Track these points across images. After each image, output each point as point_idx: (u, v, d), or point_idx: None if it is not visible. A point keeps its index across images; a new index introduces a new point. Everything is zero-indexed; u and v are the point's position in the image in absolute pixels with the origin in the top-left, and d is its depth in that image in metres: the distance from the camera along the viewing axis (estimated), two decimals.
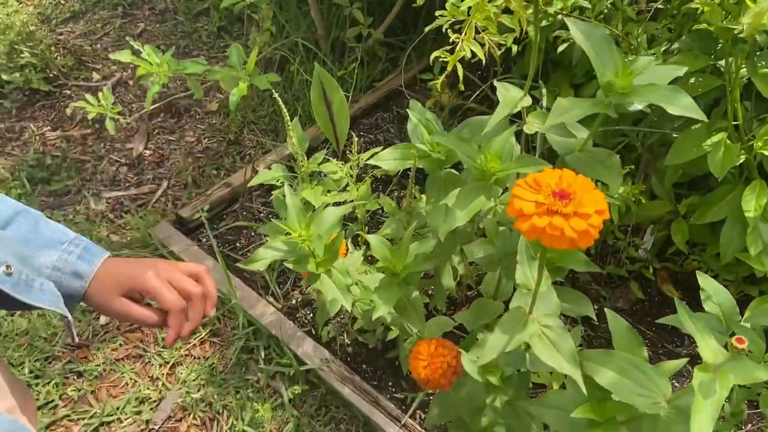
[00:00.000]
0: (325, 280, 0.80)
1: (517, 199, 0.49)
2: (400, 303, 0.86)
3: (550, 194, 0.48)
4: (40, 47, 2.27)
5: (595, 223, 0.47)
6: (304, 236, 0.78)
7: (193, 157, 2.09)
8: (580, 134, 0.80)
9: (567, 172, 0.50)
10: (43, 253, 0.69)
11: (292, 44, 2.28)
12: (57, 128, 2.15)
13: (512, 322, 0.66)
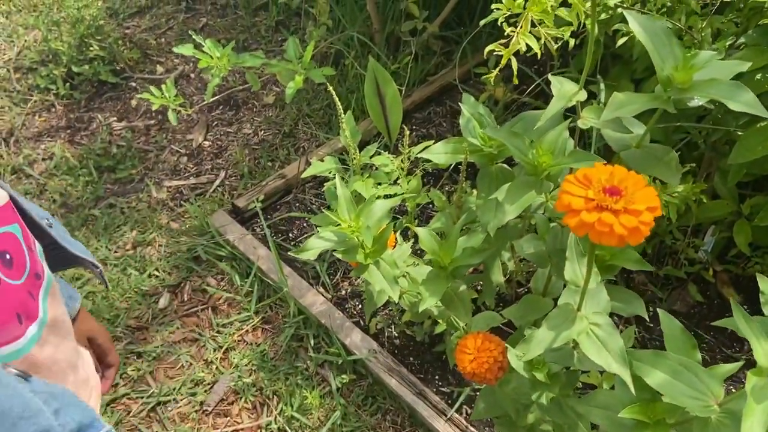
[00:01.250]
0: (374, 271, 0.81)
1: (566, 194, 0.49)
2: (447, 296, 0.87)
3: (600, 190, 0.48)
4: (109, 41, 2.37)
5: (646, 220, 0.47)
6: (354, 227, 0.79)
7: (250, 148, 2.14)
8: (636, 130, 0.78)
9: (619, 168, 0.50)
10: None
11: (347, 38, 2.30)
12: (123, 119, 2.25)
13: (560, 319, 0.65)
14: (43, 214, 0.66)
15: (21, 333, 0.53)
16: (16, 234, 0.55)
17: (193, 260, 1.79)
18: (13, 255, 0.53)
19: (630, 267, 0.76)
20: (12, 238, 0.54)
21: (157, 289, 1.74)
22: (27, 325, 0.54)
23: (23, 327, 0.54)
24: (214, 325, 1.66)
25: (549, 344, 0.64)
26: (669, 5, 1.22)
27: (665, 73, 0.69)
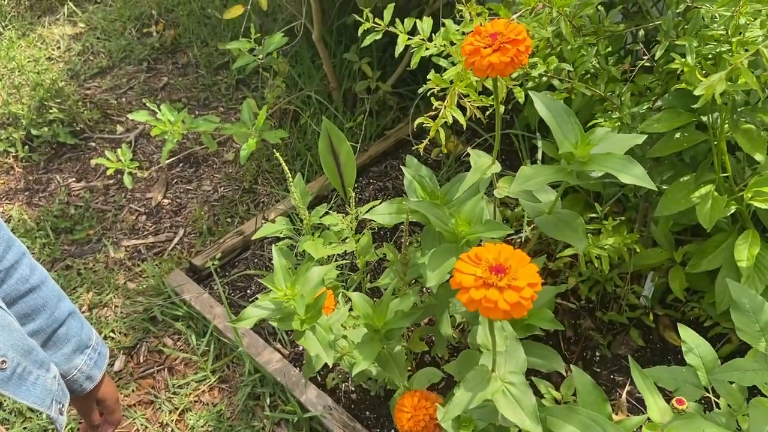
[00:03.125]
0: (310, 336, 0.85)
1: (458, 273, 0.54)
2: (383, 357, 0.91)
3: (488, 268, 0.53)
4: (68, 103, 2.41)
5: (527, 295, 0.52)
6: (289, 295, 0.83)
7: (209, 205, 2.17)
8: (548, 197, 0.85)
9: (505, 247, 0.55)
10: (76, 355, 0.81)
11: (305, 97, 2.39)
12: (81, 179, 2.27)
13: (476, 380, 0.70)
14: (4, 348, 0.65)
15: None
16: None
17: (149, 321, 1.79)
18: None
19: (545, 326, 0.81)
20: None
21: (113, 352, 1.74)
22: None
23: None
24: (170, 386, 1.66)
25: (466, 405, 0.68)
26: (593, 72, 1.32)
27: (566, 149, 0.76)
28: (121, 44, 2.87)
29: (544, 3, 1.19)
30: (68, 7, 3.10)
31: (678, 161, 1.41)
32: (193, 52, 2.86)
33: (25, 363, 0.67)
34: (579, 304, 1.75)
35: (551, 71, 1.17)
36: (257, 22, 2.67)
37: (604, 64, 1.28)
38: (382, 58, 2.38)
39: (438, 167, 2.17)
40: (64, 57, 2.82)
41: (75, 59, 2.80)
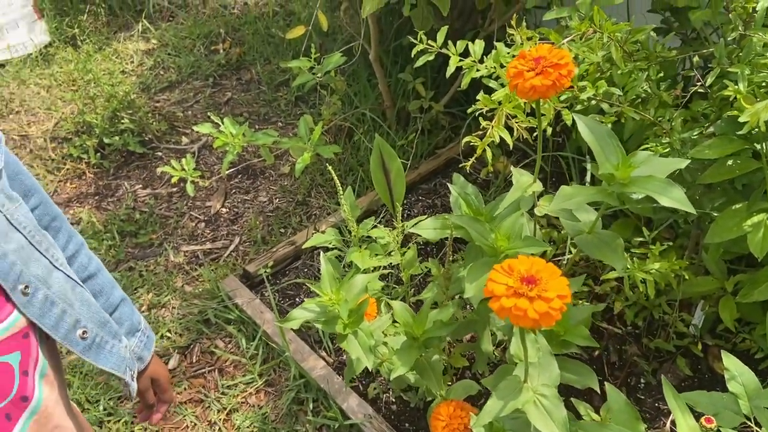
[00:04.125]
0: (351, 340, 0.89)
1: (491, 282, 0.57)
2: (421, 365, 0.94)
3: (519, 279, 0.56)
4: (139, 114, 2.56)
5: (556, 306, 0.55)
6: (334, 300, 0.88)
7: (264, 215, 2.26)
8: (589, 217, 0.87)
9: (538, 260, 0.58)
10: (128, 337, 0.87)
11: (360, 114, 2.46)
12: (147, 186, 2.40)
13: (508, 390, 0.72)
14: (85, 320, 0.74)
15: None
16: (11, 363, 0.63)
17: (203, 323, 1.88)
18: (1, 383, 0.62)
19: (580, 343, 0.83)
20: (4, 367, 0.63)
21: (168, 351, 1.83)
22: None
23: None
24: (219, 387, 1.73)
25: (497, 413, 0.71)
26: (643, 96, 1.33)
27: (607, 170, 0.78)
28: (189, 60, 3.03)
29: (595, 28, 1.22)
30: (142, 24, 3.30)
31: (730, 188, 1.40)
32: (256, 69, 2.99)
33: (102, 333, 0.75)
34: (625, 329, 1.73)
35: (600, 95, 1.19)
36: (318, 42, 2.78)
37: (655, 89, 1.29)
38: (435, 79, 2.43)
39: (486, 187, 2.20)
40: (136, 71, 3.00)
41: (147, 73, 2.97)
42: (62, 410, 0.72)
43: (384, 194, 1.73)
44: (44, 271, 0.67)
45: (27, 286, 0.64)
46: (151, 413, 0.97)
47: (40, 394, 0.66)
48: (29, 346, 0.65)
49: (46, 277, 0.67)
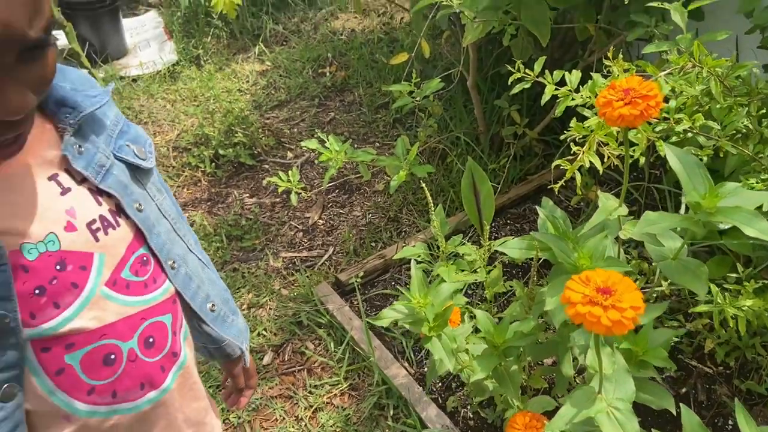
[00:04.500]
0: (435, 342, 0.96)
1: (568, 290, 0.63)
2: (500, 373, 0.99)
3: (595, 289, 0.62)
4: (251, 129, 2.78)
5: (629, 315, 0.60)
6: (421, 303, 0.95)
7: (358, 229, 2.38)
8: (674, 244, 0.90)
9: (614, 274, 0.63)
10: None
11: (454, 138, 2.54)
12: (254, 196, 2.60)
13: (582, 398, 0.76)
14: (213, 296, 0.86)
15: (140, 396, 0.72)
16: (166, 323, 0.75)
17: (296, 324, 2.01)
18: (156, 339, 0.73)
19: (658, 364, 0.85)
20: (160, 326, 0.74)
21: (263, 347, 1.97)
22: (147, 391, 0.73)
23: (143, 392, 0.72)
24: (307, 386, 1.85)
25: (569, 419, 0.75)
26: (743, 132, 1.32)
27: (693, 199, 0.82)
28: (298, 82, 3.24)
29: (694, 63, 1.24)
30: (259, 48, 3.56)
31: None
32: (359, 91, 3.15)
33: (225, 309, 0.88)
34: (716, 369, 1.68)
35: (697, 128, 1.21)
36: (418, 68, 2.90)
37: (756, 125, 1.28)
38: (531, 107, 2.47)
39: (577, 215, 2.21)
40: (251, 90, 3.24)
41: (260, 92, 3.21)
42: (197, 371, 0.84)
43: (473, 215, 1.80)
44: (183, 252, 0.80)
45: (174, 262, 0.76)
46: (238, 397, 1.07)
47: (185, 353, 0.79)
48: (177, 310, 0.78)
49: (185, 256, 0.80)
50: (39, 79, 0.56)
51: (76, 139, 0.67)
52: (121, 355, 0.69)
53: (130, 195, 0.71)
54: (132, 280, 0.70)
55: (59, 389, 0.65)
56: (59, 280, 0.63)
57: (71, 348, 0.65)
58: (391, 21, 3.75)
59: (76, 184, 0.66)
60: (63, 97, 0.66)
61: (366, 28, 3.74)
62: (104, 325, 0.67)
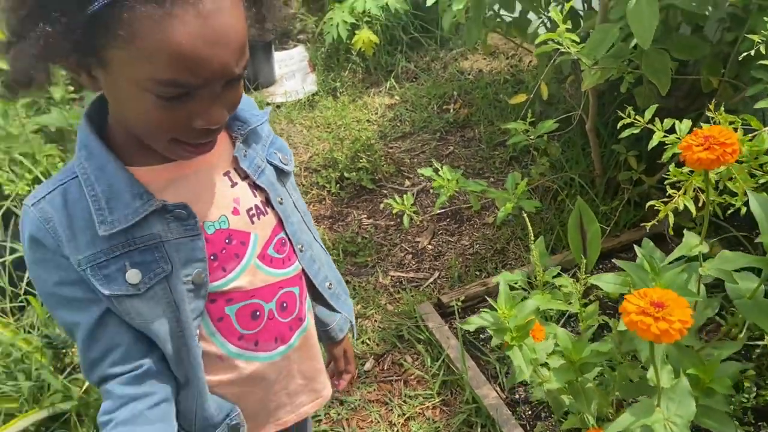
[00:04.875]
0: (516, 351, 1.06)
1: (626, 302, 0.73)
2: (576, 388, 1.07)
3: (649, 302, 0.71)
4: (374, 156, 3.01)
5: (676, 327, 0.68)
6: (506, 314, 1.06)
7: (464, 257, 2.50)
8: (751, 283, 0.94)
9: (669, 292, 0.72)
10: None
11: (568, 179, 2.60)
12: (371, 217, 2.81)
13: (641, 409, 0.84)
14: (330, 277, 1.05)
15: (273, 348, 0.92)
16: (295, 293, 0.95)
17: (397, 338, 2.16)
18: (288, 304, 0.93)
19: (721, 391, 0.90)
20: (291, 295, 0.94)
21: (366, 355, 2.13)
22: (279, 345, 0.93)
23: (276, 345, 0.92)
24: (402, 395, 1.98)
25: (626, 426, 0.83)
26: None
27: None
28: (423, 116, 3.45)
29: None
30: (390, 83, 3.83)
31: None
32: (479, 129, 3.30)
33: (339, 289, 1.05)
34: None
35: None
36: (539, 109, 3.00)
37: None
38: (651, 154, 2.48)
39: None
40: (378, 121, 3.50)
41: (386, 124, 3.45)
42: (316, 338, 1.02)
43: (577, 255, 1.86)
44: (309, 239, 0.98)
45: (302, 246, 0.95)
46: (338, 379, 1.23)
47: (308, 320, 0.97)
48: (303, 285, 0.96)
49: (311, 243, 0.98)
50: (233, 102, 0.76)
51: (243, 146, 0.87)
52: (263, 313, 0.88)
53: (275, 191, 0.91)
54: (274, 256, 0.90)
55: (218, 333, 0.86)
56: (227, 251, 0.84)
57: (230, 302, 0.85)
58: (519, 64, 3.88)
59: (240, 180, 0.87)
60: (237, 115, 0.87)
61: (493, 70, 3.89)
62: (254, 288, 0.87)
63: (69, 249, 0.76)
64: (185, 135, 0.73)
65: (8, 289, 2.00)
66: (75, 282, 0.77)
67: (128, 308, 0.78)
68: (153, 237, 0.78)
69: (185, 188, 0.82)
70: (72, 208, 0.76)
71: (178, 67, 0.65)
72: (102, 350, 0.79)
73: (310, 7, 4.68)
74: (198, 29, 0.63)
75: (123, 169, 0.77)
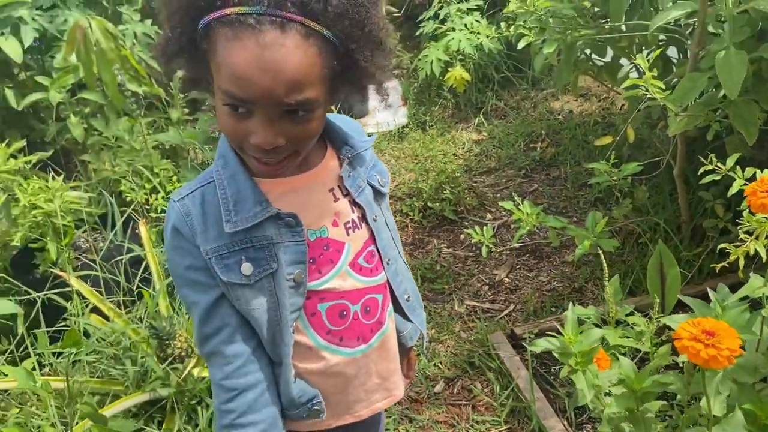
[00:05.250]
0: (579, 375, 1.12)
1: (680, 329, 0.79)
2: (636, 417, 1.11)
3: (701, 330, 0.77)
4: (458, 189, 3.12)
5: (725, 354, 0.74)
6: (572, 339, 1.13)
7: (540, 293, 2.54)
8: None
9: (721, 323, 0.78)
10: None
11: (652, 223, 2.59)
12: (450, 247, 2.90)
13: None
14: (409, 290, 1.15)
15: (355, 346, 1.04)
16: (378, 299, 1.06)
17: (468, 364, 2.22)
18: (371, 308, 1.05)
19: None
20: (375, 301, 1.06)
21: (437, 377, 2.21)
22: (360, 344, 1.05)
23: (357, 343, 1.04)
24: (470, 419, 2.04)
25: None
26: None
27: None
28: (509, 153, 3.53)
29: None
30: (479, 119, 3.95)
31: None
32: (565, 168, 3.34)
33: (416, 303, 1.16)
34: None
35: None
36: (626, 153, 3.01)
37: None
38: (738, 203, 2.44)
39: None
40: (464, 155, 3.61)
41: (472, 158, 3.56)
42: (395, 343, 1.13)
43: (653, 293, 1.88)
44: (395, 254, 1.10)
45: (389, 259, 1.07)
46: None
47: (387, 324, 1.09)
48: (386, 294, 1.08)
49: (396, 258, 1.10)
50: (294, 134, 0.84)
51: (348, 167, 1.01)
52: (349, 313, 1.01)
53: (371, 209, 1.04)
54: (364, 266, 1.02)
55: (311, 326, 0.99)
56: (323, 256, 0.98)
57: (322, 300, 0.99)
58: (611, 107, 3.89)
59: (342, 196, 1.01)
60: (346, 140, 1.01)
61: (584, 111, 3.92)
62: (344, 290, 1.00)
63: (200, 240, 0.92)
64: (248, 147, 0.86)
65: (123, 284, 2.25)
66: (201, 268, 0.93)
67: (239, 295, 0.93)
68: (266, 238, 0.93)
69: (296, 200, 0.96)
70: (207, 207, 0.93)
71: (233, 81, 0.79)
72: (214, 328, 0.95)
73: (407, 44, 4.90)
74: (254, 55, 0.76)
75: (249, 179, 0.93)
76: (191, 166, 3.02)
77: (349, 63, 0.86)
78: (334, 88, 0.88)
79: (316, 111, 0.85)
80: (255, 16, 0.77)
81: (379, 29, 0.86)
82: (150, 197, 2.70)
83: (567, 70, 2.56)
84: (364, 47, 0.85)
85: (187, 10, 0.82)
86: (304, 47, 0.79)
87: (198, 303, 0.95)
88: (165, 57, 0.88)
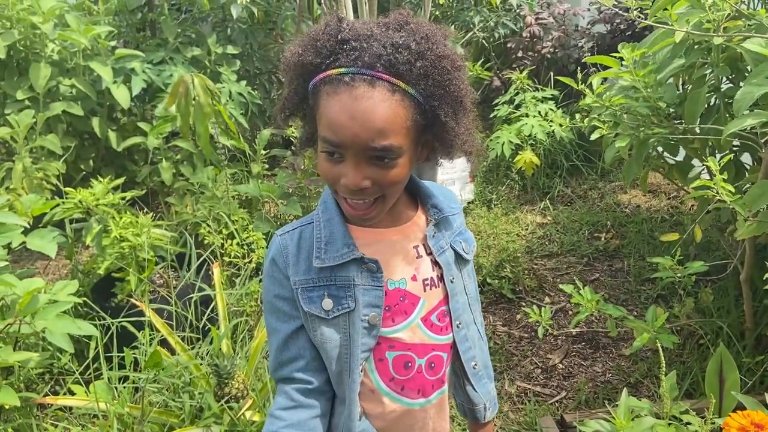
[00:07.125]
0: None
1: (730, 419, 0.82)
2: None
3: (751, 422, 0.80)
4: (518, 269, 3.15)
5: None
6: (623, 425, 1.14)
7: (594, 383, 2.51)
8: None
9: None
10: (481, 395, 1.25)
11: (715, 326, 2.54)
12: (506, 325, 2.91)
13: None
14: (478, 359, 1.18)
15: (415, 398, 1.09)
16: (443, 358, 1.12)
17: None
18: (435, 365, 1.11)
19: None
20: (440, 359, 1.11)
21: None
22: (420, 397, 1.10)
23: (417, 396, 1.09)
24: None
25: None
26: None
27: None
28: (572, 239, 3.55)
29: None
30: (544, 204, 4.01)
31: None
32: (629, 261, 3.32)
33: (483, 372, 1.20)
34: None
35: None
36: (693, 252, 2.99)
37: None
38: None
39: None
40: (527, 237, 3.66)
41: (534, 240, 3.60)
42: (447, 402, 1.17)
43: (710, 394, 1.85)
44: (469, 320, 1.16)
45: (460, 323, 1.13)
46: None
47: (446, 385, 1.14)
48: (450, 355, 1.14)
49: (469, 324, 1.16)
50: (382, 178, 0.94)
51: (434, 228, 1.11)
52: (414, 365, 1.07)
53: (450, 271, 1.12)
54: (435, 323, 1.10)
55: (376, 370, 1.06)
56: (399, 306, 1.06)
57: (391, 348, 1.06)
58: (680, 206, 3.88)
59: (425, 254, 1.10)
60: (436, 204, 1.11)
61: (652, 207, 3.92)
62: (412, 343, 1.07)
63: (292, 271, 1.03)
64: (339, 189, 0.96)
65: (192, 321, 2.38)
66: (287, 298, 1.04)
67: (316, 327, 1.02)
68: (348, 279, 1.03)
69: (382, 249, 1.06)
70: (303, 243, 1.05)
71: (329, 128, 0.91)
72: (290, 356, 1.04)
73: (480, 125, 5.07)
74: (346, 105, 0.89)
75: (343, 224, 1.04)
76: (264, 218, 3.19)
77: (433, 119, 0.97)
78: (420, 140, 0.99)
79: (400, 158, 0.94)
80: (350, 75, 0.91)
81: (459, 90, 0.97)
82: (225, 242, 2.87)
83: (637, 165, 2.61)
84: (445, 104, 0.95)
85: (301, 74, 0.98)
86: (389, 101, 0.90)
87: (279, 330, 1.05)
88: (283, 114, 1.03)
